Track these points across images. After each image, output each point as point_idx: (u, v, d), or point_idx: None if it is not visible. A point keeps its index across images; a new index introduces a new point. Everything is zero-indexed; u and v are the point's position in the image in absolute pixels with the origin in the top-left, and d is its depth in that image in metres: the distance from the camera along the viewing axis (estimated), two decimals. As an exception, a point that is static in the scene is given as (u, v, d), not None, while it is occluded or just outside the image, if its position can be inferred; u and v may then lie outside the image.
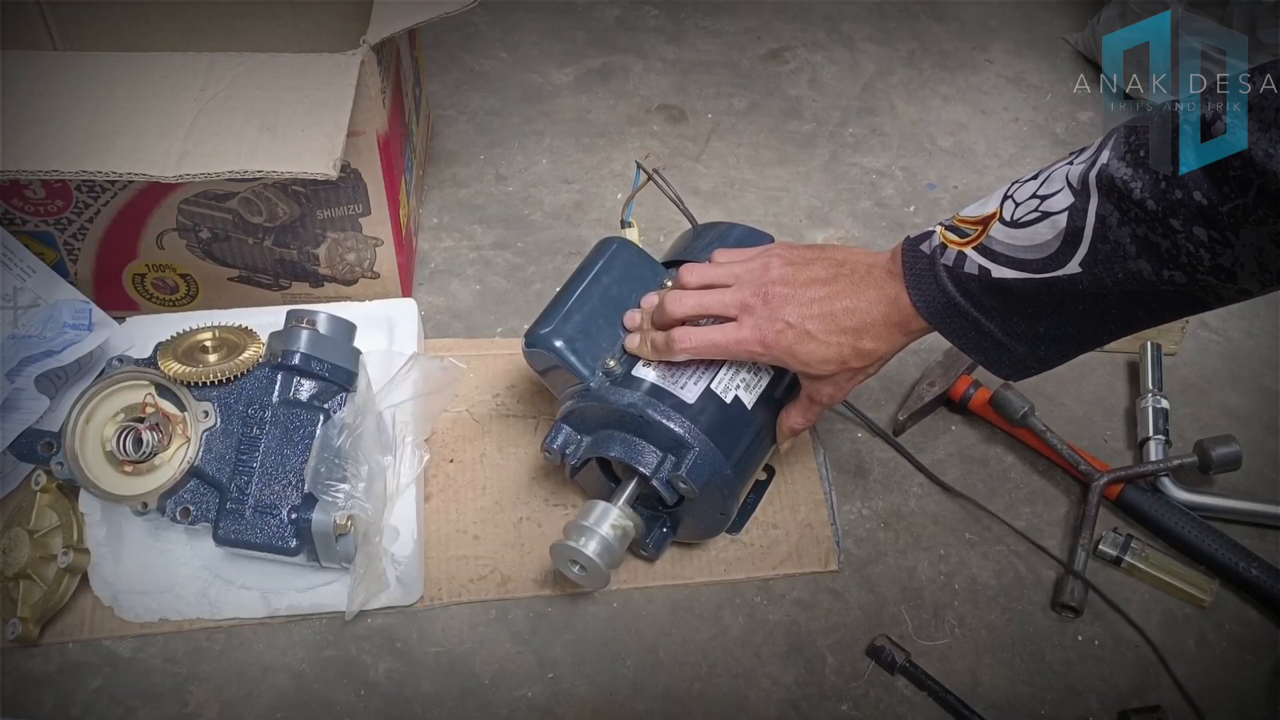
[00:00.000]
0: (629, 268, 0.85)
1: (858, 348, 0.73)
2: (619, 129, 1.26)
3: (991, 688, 0.83)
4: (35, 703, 0.79)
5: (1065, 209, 0.63)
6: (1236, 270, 0.59)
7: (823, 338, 0.73)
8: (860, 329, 0.73)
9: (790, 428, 0.82)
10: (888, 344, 0.74)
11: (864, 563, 0.90)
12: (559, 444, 0.81)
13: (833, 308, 0.73)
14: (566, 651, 0.83)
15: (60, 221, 0.91)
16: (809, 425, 0.82)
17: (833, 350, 0.74)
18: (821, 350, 0.74)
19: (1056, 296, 0.66)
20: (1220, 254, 0.59)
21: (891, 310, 0.72)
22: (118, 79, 0.85)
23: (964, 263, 0.68)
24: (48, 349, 0.85)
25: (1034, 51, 1.40)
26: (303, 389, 0.82)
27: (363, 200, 0.94)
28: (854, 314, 0.73)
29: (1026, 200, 0.65)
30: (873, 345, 0.73)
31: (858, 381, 0.78)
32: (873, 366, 0.76)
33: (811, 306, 0.74)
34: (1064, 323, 0.68)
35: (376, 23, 0.87)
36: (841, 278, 0.74)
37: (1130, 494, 0.91)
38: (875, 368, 0.77)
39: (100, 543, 0.82)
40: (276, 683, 0.81)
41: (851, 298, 0.73)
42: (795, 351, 0.74)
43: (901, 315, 0.72)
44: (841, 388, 0.78)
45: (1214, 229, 0.58)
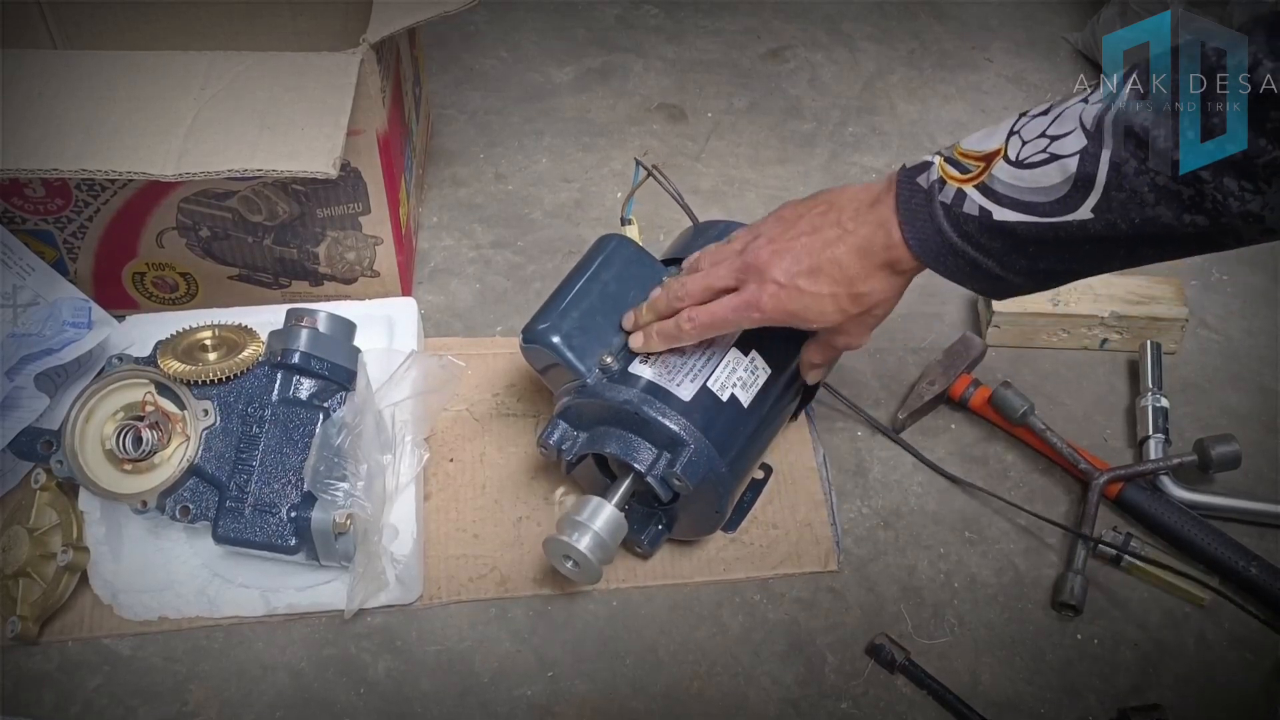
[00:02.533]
0: (628, 265, 0.85)
1: (853, 294, 0.71)
2: (619, 128, 1.26)
3: (991, 686, 0.83)
4: (35, 701, 0.79)
5: (1076, 153, 0.60)
6: (1265, 214, 0.57)
7: (814, 290, 0.71)
8: (852, 277, 0.70)
9: (808, 361, 0.81)
10: (884, 286, 0.71)
11: (864, 562, 0.89)
12: (555, 439, 0.81)
13: (819, 259, 0.71)
14: (566, 650, 0.83)
15: (60, 220, 0.91)
16: (826, 364, 0.81)
17: (828, 303, 0.71)
18: (816, 304, 0.72)
19: (1063, 240, 0.63)
20: (1249, 201, 0.56)
21: (882, 252, 0.69)
22: (118, 78, 0.85)
23: (963, 202, 0.65)
24: (47, 347, 0.85)
25: (1034, 51, 1.40)
26: (302, 388, 0.82)
27: (362, 199, 0.94)
28: (842, 263, 0.70)
29: (1035, 139, 0.62)
30: (868, 289, 0.71)
31: (870, 325, 0.75)
32: (879, 309, 0.73)
33: (800, 262, 0.71)
34: (1068, 260, 0.66)
35: (376, 22, 0.87)
36: (829, 225, 0.71)
37: (1130, 493, 0.91)
38: (883, 309, 0.74)
39: (100, 541, 0.82)
40: (276, 681, 0.81)
41: (839, 245, 0.70)
42: (791, 310, 0.72)
43: (893, 255, 0.69)
44: (854, 334, 0.76)
45: (1246, 179, 0.56)
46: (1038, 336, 1.05)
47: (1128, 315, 1.02)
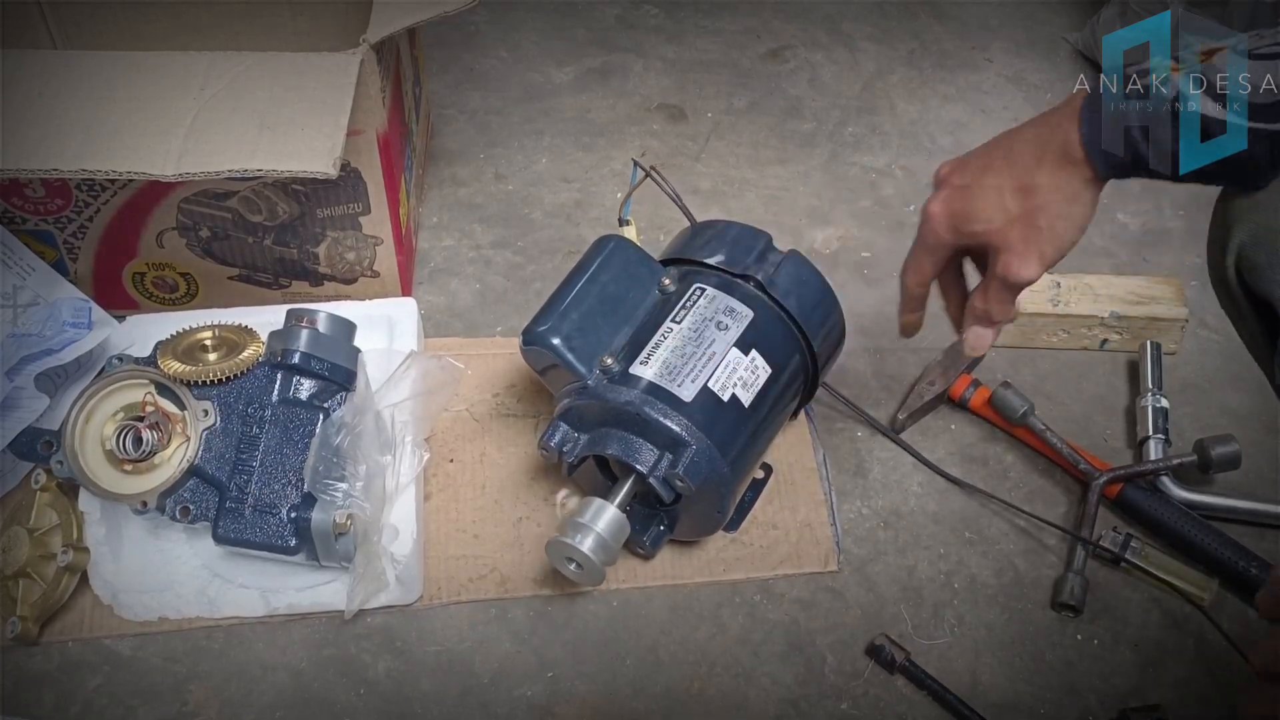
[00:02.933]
0: (626, 266, 0.85)
1: (1020, 186, 0.65)
2: (619, 128, 1.26)
3: (991, 687, 0.83)
4: (35, 701, 0.79)
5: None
6: None
7: (980, 184, 0.66)
8: (1021, 167, 0.65)
9: (973, 307, 0.73)
10: (1053, 180, 0.64)
11: (863, 562, 0.89)
12: (556, 441, 0.81)
13: (992, 155, 0.66)
14: (566, 651, 0.83)
15: (60, 220, 0.91)
16: (989, 309, 0.72)
17: (992, 198, 0.66)
18: (981, 202, 0.66)
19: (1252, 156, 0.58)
20: None
21: (1056, 137, 0.63)
22: (118, 78, 0.85)
23: (1165, 83, 0.59)
24: (47, 347, 0.85)
25: (1034, 51, 1.40)
26: (302, 388, 0.82)
27: (362, 199, 0.94)
28: (1014, 152, 0.65)
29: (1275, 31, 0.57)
30: (1035, 181, 0.64)
31: (1037, 243, 0.66)
32: (1044, 214, 0.65)
33: (975, 160, 0.68)
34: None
35: (376, 22, 0.87)
36: (1016, 128, 0.67)
37: (1130, 493, 0.91)
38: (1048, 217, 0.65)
39: (100, 541, 0.82)
40: (276, 681, 0.81)
41: (1016, 137, 0.66)
42: (957, 210, 0.68)
43: (1062, 140, 0.63)
44: (1022, 253, 0.66)
45: None
46: (1038, 336, 1.05)
47: (1128, 315, 1.02)
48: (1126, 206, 1.19)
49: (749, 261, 0.85)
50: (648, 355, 0.80)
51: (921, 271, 0.75)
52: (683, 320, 0.82)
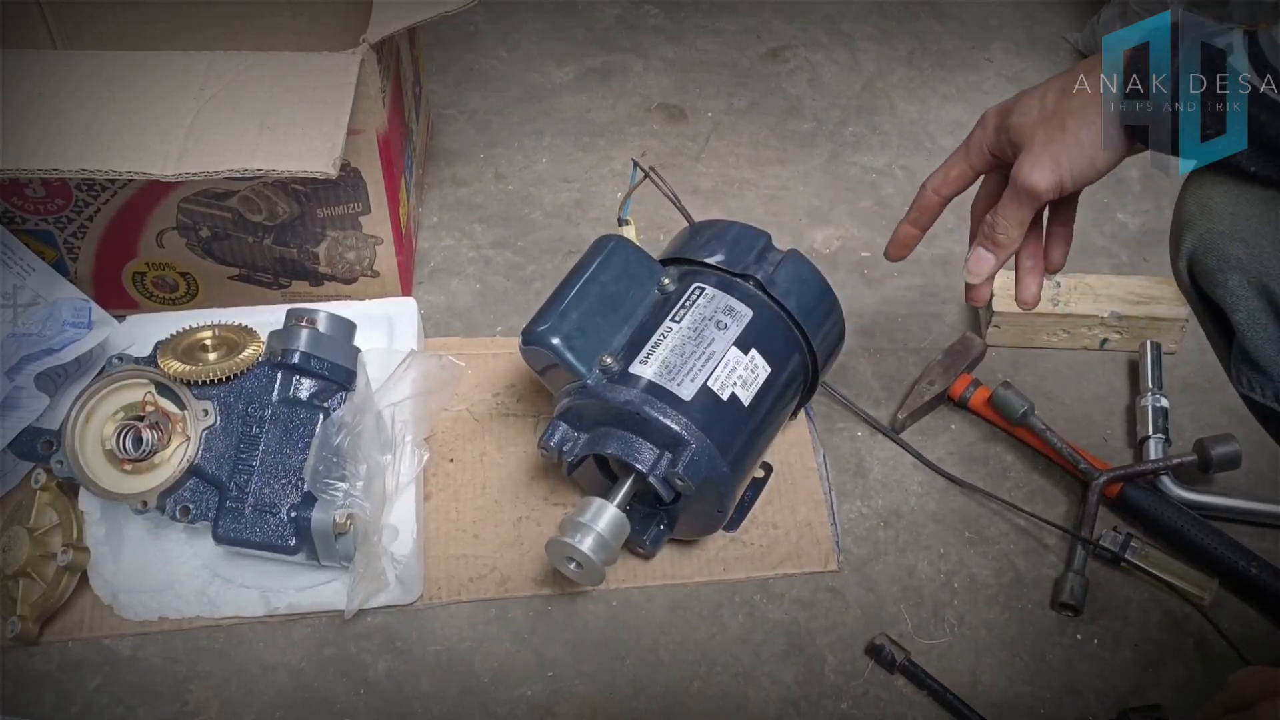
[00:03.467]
0: (626, 265, 0.85)
1: (1060, 88, 0.64)
2: (619, 128, 1.26)
3: (991, 687, 0.83)
4: (35, 701, 0.79)
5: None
6: None
7: (1036, 88, 0.67)
8: (1068, 74, 0.65)
9: (983, 222, 0.72)
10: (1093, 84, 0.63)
11: (863, 562, 0.89)
12: (556, 441, 0.81)
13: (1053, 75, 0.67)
14: (566, 650, 0.83)
15: (60, 220, 0.91)
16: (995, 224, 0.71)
17: (1035, 97, 0.66)
18: (1026, 99, 0.66)
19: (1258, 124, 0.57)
20: None
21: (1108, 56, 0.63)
22: (118, 78, 0.85)
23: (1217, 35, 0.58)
24: (47, 347, 0.85)
25: (1034, 51, 1.40)
26: (302, 388, 0.82)
27: (362, 199, 0.94)
28: (1071, 71, 0.66)
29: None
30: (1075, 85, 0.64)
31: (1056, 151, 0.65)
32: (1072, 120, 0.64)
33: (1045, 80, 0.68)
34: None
35: (376, 21, 0.87)
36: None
37: (1130, 493, 0.91)
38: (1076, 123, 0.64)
39: (100, 541, 0.82)
40: (276, 681, 0.81)
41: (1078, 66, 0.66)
42: (1006, 108, 0.68)
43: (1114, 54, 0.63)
44: (1039, 156, 0.65)
45: None
46: (1038, 336, 1.05)
47: (1128, 315, 1.02)
48: (1126, 206, 1.19)
49: (748, 261, 0.85)
50: (647, 354, 0.80)
51: (948, 175, 0.73)
52: (682, 319, 0.82)
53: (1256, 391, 0.61)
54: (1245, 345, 0.60)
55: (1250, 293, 0.59)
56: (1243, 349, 0.60)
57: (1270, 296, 0.59)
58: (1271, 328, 0.59)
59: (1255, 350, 0.60)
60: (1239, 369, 0.62)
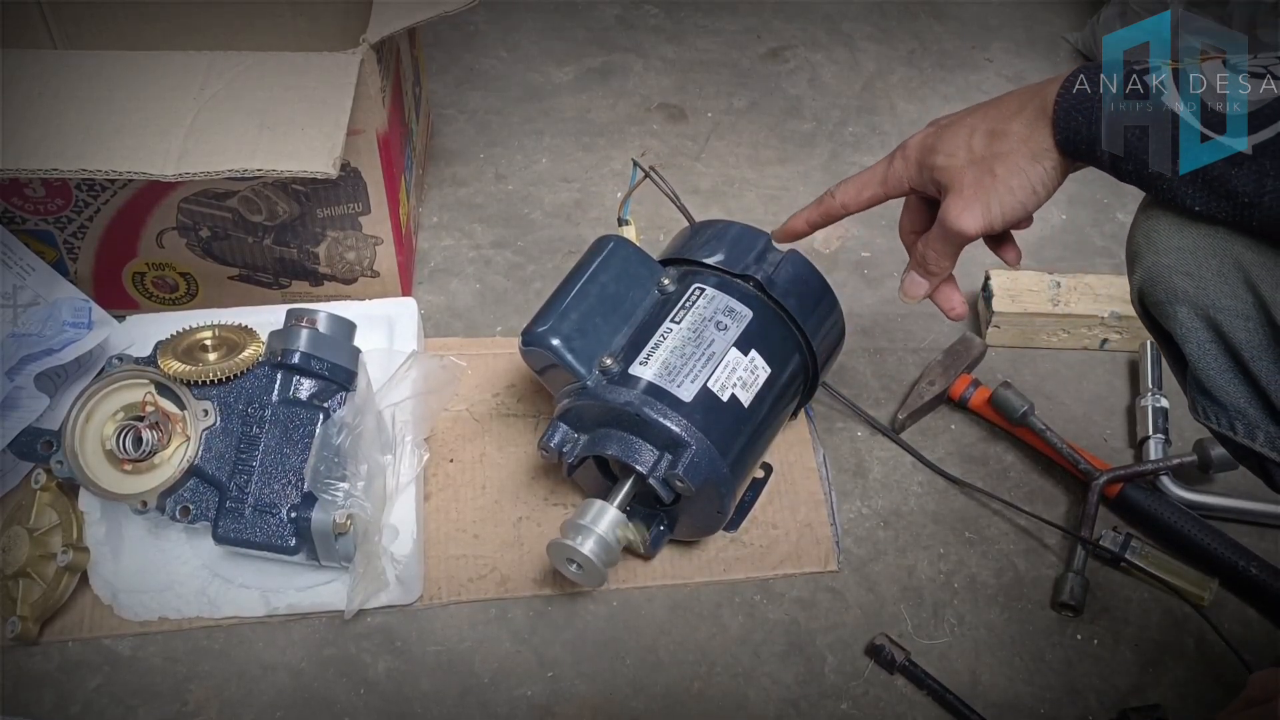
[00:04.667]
0: (626, 265, 0.85)
1: (990, 130, 0.63)
2: (619, 128, 1.26)
3: (991, 686, 0.83)
4: (35, 701, 0.79)
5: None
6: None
7: (956, 123, 0.66)
8: (998, 113, 0.64)
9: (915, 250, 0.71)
10: (1023, 130, 0.62)
11: (863, 562, 0.90)
12: (556, 442, 0.81)
13: (979, 103, 0.66)
14: (566, 650, 0.83)
15: (60, 220, 0.91)
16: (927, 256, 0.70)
17: (962, 136, 0.64)
18: (951, 138, 0.65)
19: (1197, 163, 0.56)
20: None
21: (1039, 92, 0.62)
22: (118, 78, 0.85)
23: (1145, 73, 0.58)
24: (47, 347, 0.85)
25: (1034, 51, 1.40)
26: (302, 388, 0.82)
27: (362, 199, 0.94)
28: (1000, 101, 0.64)
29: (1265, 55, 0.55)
30: (1005, 127, 0.63)
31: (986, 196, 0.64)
32: (1003, 163, 0.63)
33: (965, 110, 0.67)
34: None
35: (376, 22, 0.87)
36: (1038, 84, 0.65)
37: (1130, 493, 0.91)
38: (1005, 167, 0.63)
39: (100, 541, 0.82)
40: (276, 681, 0.81)
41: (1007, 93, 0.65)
42: (929, 144, 0.67)
43: (1045, 98, 0.61)
44: (968, 200, 0.64)
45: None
46: (1038, 336, 1.05)
47: (1128, 315, 1.02)
48: (1126, 206, 1.19)
49: (748, 261, 0.86)
50: (647, 355, 0.80)
51: (860, 194, 0.72)
52: (682, 320, 0.82)
53: (1212, 420, 0.61)
54: (1198, 376, 0.61)
55: (1198, 324, 0.60)
56: (1196, 379, 0.61)
57: (1217, 328, 0.59)
58: (1221, 358, 0.60)
59: (1207, 380, 0.61)
60: (1194, 397, 0.63)
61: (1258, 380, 0.58)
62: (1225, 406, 0.60)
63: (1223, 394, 0.60)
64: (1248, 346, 0.58)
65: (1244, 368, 0.59)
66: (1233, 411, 0.60)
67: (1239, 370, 0.59)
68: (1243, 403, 0.60)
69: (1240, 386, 0.60)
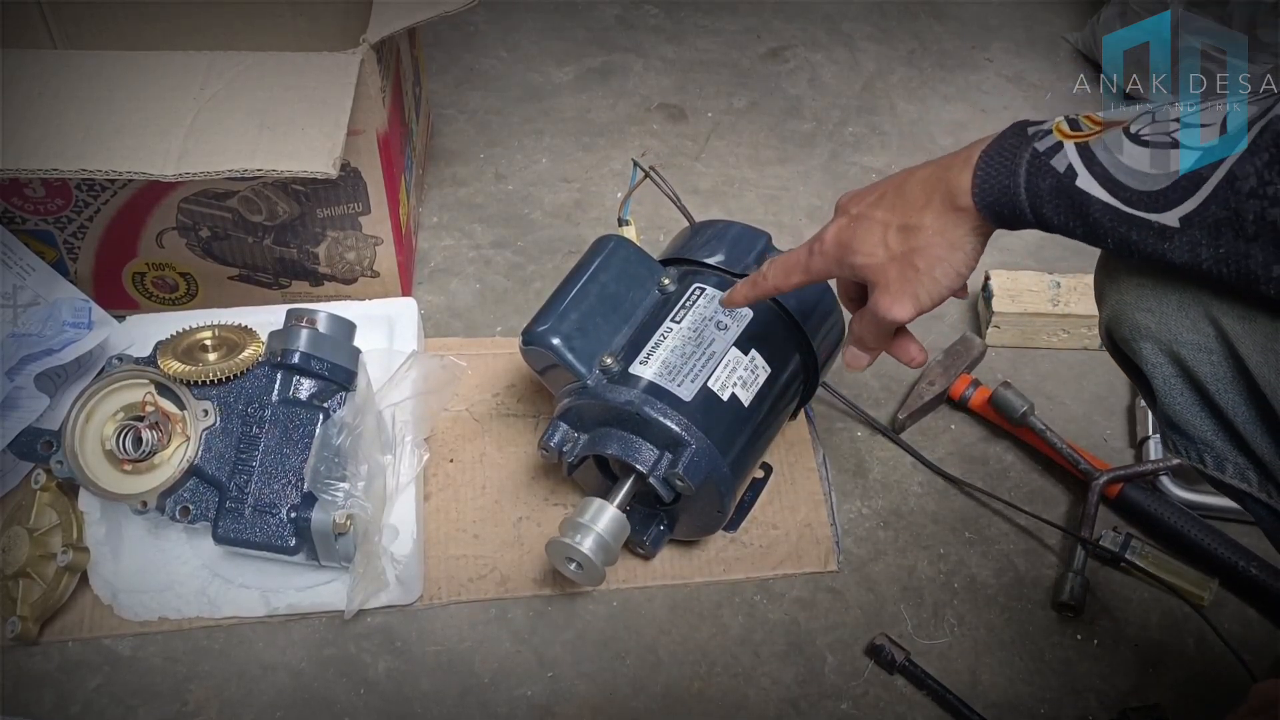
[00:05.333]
0: (626, 265, 0.85)
1: (904, 225, 0.64)
2: (619, 128, 1.26)
3: (991, 687, 0.83)
4: (35, 701, 0.79)
5: (1200, 148, 0.52)
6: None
7: (870, 217, 0.66)
8: (909, 205, 0.64)
9: (851, 328, 0.72)
10: (936, 222, 0.62)
11: (863, 562, 0.89)
12: (556, 441, 0.81)
13: (888, 188, 0.66)
14: (566, 650, 0.83)
15: (60, 220, 0.91)
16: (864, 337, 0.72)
17: (877, 232, 0.65)
18: (867, 234, 0.66)
19: (1129, 243, 0.55)
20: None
21: (944, 182, 0.62)
22: (118, 78, 0.85)
23: (1055, 155, 0.57)
24: (47, 347, 0.85)
25: (1034, 51, 1.40)
26: (302, 388, 0.82)
27: (362, 199, 0.94)
28: (906, 189, 0.64)
29: (1166, 121, 0.54)
30: (918, 221, 0.63)
31: (911, 285, 0.65)
32: (923, 255, 0.64)
33: (873, 193, 0.67)
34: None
35: (376, 22, 0.87)
36: (914, 167, 0.66)
37: (1130, 493, 0.91)
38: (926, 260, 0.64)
39: (100, 541, 0.82)
40: (276, 681, 0.81)
41: (914, 174, 0.65)
42: (844, 241, 0.67)
43: (952, 185, 0.61)
44: (895, 293, 0.66)
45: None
46: (1038, 336, 1.05)
47: (1128, 315, 1.02)
48: (1126, 206, 1.19)
49: (749, 261, 0.86)
50: (647, 355, 0.80)
51: (788, 279, 0.73)
52: (682, 320, 0.82)
53: (1182, 453, 0.62)
54: (1165, 410, 0.61)
55: (1163, 360, 0.60)
56: (1163, 413, 0.61)
57: (1181, 363, 0.59)
58: (1187, 392, 0.60)
59: (1174, 414, 0.61)
60: (1163, 432, 0.63)
61: (1224, 412, 0.58)
62: (1194, 439, 0.60)
63: (1190, 427, 0.60)
64: (1212, 380, 0.58)
65: (1209, 401, 0.59)
66: (1201, 444, 0.60)
67: (1205, 403, 0.59)
68: (1209, 435, 0.60)
69: (1206, 419, 0.60)
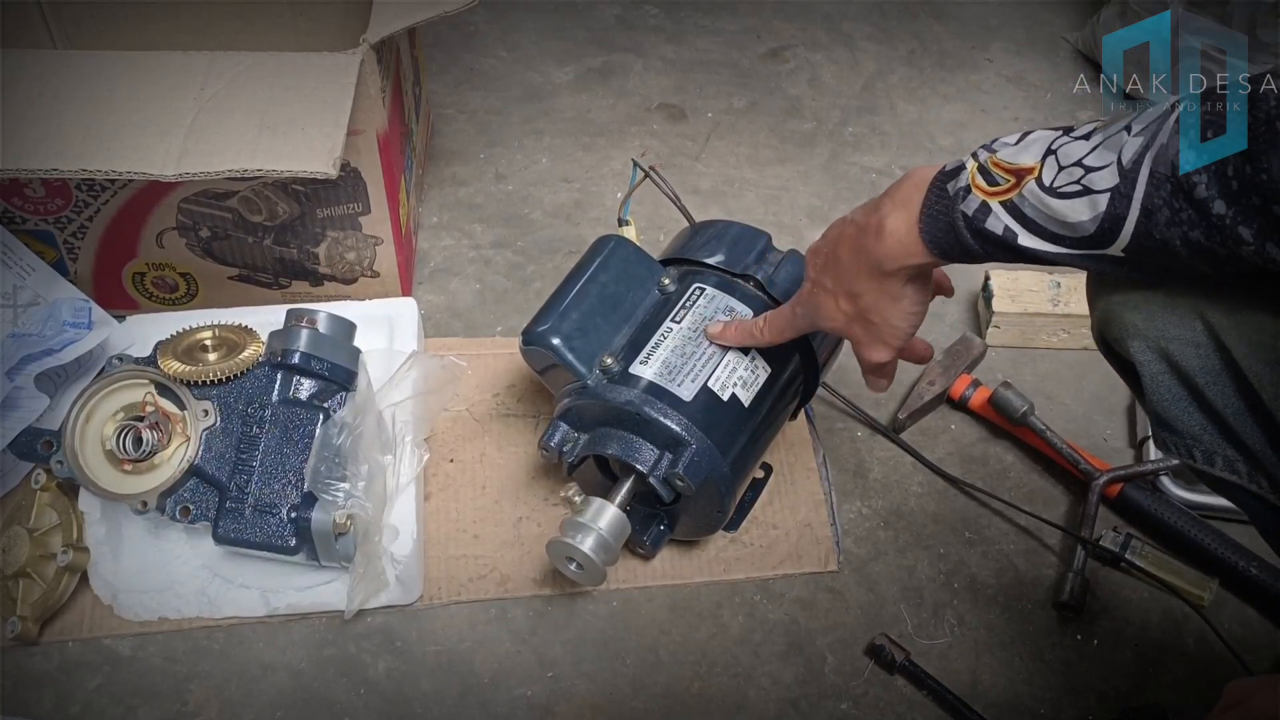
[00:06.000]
0: (626, 265, 0.85)
1: (849, 293, 0.68)
2: (619, 128, 1.26)
3: (991, 687, 0.83)
4: (35, 701, 0.79)
5: (1109, 190, 0.54)
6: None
7: (821, 284, 0.70)
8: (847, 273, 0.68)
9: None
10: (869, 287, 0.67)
11: (864, 562, 0.89)
12: (556, 441, 0.81)
13: (833, 254, 0.69)
14: (566, 650, 0.83)
15: (60, 220, 0.91)
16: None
17: (829, 301, 0.70)
18: (824, 304, 0.70)
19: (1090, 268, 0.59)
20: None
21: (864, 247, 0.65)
22: (118, 78, 0.85)
23: (986, 217, 0.59)
24: (47, 347, 0.85)
25: (1034, 51, 1.40)
26: (302, 388, 0.82)
27: (362, 199, 0.94)
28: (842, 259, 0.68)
29: (1071, 167, 0.56)
30: (858, 289, 0.68)
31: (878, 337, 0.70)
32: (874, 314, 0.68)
33: (821, 259, 0.70)
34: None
35: (376, 22, 0.87)
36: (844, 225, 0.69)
37: (1130, 493, 0.91)
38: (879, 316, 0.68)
39: (100, 541, 0.82)
40: (276, 681, 0.81)
41: (840, 240, 0.68)
42: (810, 306, 0.72)
43: (876, 258, 0.65)
44: (866, 345, 0.71)
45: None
46: (1038, 336, 1.05)
47: (1128, 315, 1.02)
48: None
49: (748, 261, 0.86)
50: (648, 355, 0.80)
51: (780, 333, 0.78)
52: (682, 320, 0.82)
53: (1172, 449, 0.62)
54: (1154, 406, 0.62)
55: (1152, 357, 0.61)
56: (1153, 410, 0.62)
57: (1169, 359, 0.60)
58: (1175, 387, 0.61)
59: (1163, 410, 0.61)
60: (1155, 430, 0.64)
61: (1212, 405, 0.59)
62: (1182, 435, 0.61)
63: (1178, 422, 0.61)
64: (1201, 373, 0.59)
65: (1198, 394, 0.60)
66: (1190, 439, 0.61)
67: (1193, 397, 0.60)
68: (1198, 429, 0.60)
69: (1195, 413, 0.61)
